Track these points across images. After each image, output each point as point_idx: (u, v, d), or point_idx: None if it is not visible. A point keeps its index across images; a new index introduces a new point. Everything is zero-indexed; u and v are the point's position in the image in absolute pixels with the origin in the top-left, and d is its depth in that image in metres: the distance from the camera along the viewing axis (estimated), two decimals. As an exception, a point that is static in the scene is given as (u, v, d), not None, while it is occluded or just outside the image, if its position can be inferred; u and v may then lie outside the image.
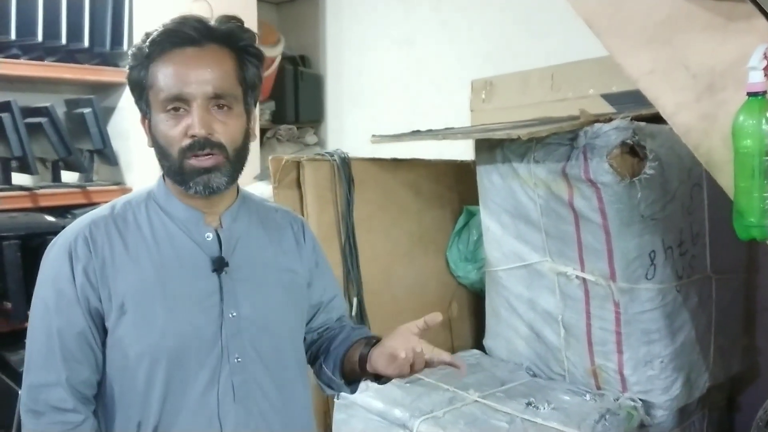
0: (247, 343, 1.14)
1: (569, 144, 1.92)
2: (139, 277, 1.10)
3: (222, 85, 1.08)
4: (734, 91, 1.27)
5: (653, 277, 1.90)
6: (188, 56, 1.07)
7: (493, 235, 2.25)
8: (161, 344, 1.09)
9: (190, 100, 1.06)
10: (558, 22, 2.52)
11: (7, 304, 2.56)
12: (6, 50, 2.63)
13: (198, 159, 1.07)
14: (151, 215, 1.15)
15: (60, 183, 2.86)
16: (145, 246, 1.12)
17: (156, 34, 1.08)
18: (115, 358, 1.11)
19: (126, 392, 1.11)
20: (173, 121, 1.07)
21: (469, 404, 1.92)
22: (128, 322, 1.08)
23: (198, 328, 1.11)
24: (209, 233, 1.15)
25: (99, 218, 1.14)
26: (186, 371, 1.10)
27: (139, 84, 1.10)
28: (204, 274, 1.13)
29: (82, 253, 1.09)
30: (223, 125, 1.08)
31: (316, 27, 3.83)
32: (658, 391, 1.94)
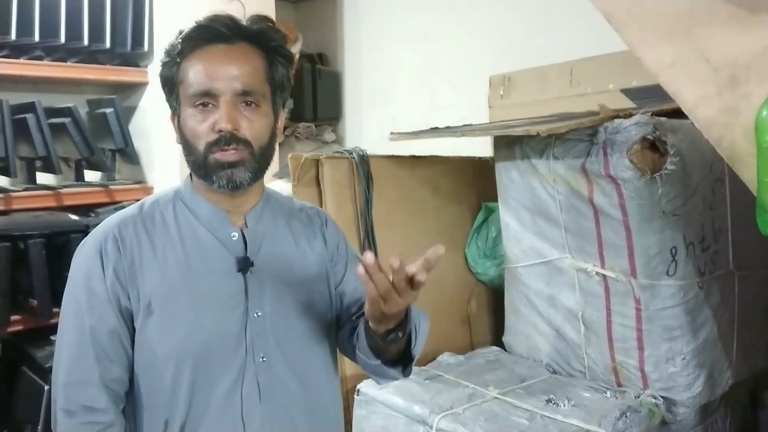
0: (273, 343, 1.14)
1: (589, 140, 1.91)
2: (165, 276, 1.11)
3: (250, 82, 1.09)
4: (757, 84, 1.26)
5: (674, 273, 1.88)
6: (218, 53, 1.08)
7: (513, 231, 2.25)
8: (187, 344, 1.10)
9: (218, 96, 1.07)
10: (576, 16, 2.50)
11: (33, 302, 2.60)
12: (30, 52, 2.67)
13: (223, 153, 1.08)
14: (178, 214, 1.16)
15: (83, 182, 2.91)
16: (172, 246, 1.13)
17: (188, 31, 1.09)
18: (142, 358, 1.12)
19: (153, 391, 1.12)
20: (201, 116, 1.09)
21: (489, 401, 1.92)
22: (155, 322, 1.10)
23: (223, 327, 1.12)
24: (235, 233, 1.15)
25: (128, 218, 1.15)
26: (212, 371, 1.11)
27: (170, 80, 1.12)
28: (229, 274, 1.13)
29: (112, 253, 1.10)
30: (250, 122, 1.09)
31: (333, 25, 3.83)
32: (680, 388, 1.92)
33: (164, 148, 2.97)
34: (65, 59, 2.77)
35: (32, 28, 2.60)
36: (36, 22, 2.60)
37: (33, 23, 2.60)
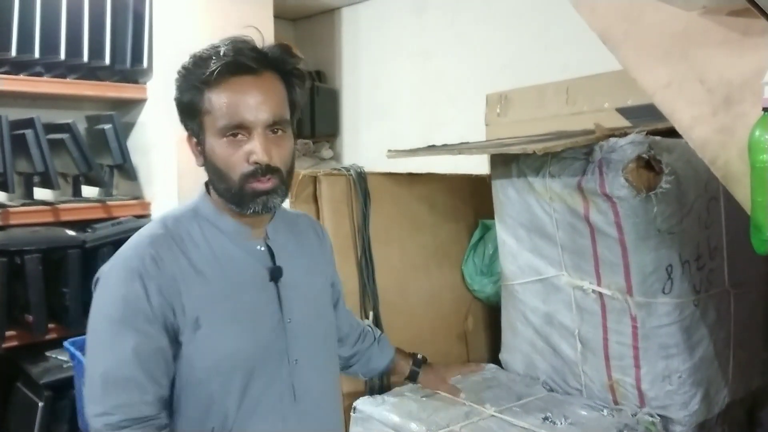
0: (301, 346, 1.23)
1: (585, 158, 1.92)
2: (207, 291, 1.15)
3: (278, 112, 1.15)
4: (752, 105, 1.27)
5: (670, 291, 1.89)
6: (247, 85, 1.12)
7: (509, 248, 2.25)
8: (235, 355, 1.16)
9: (250, 128, 1.12)
10: (573, 35, 2.53)
11: (29, 317, 2.60)
12: (30, 68, 2.69)
13: (259, 183, 1.13)
14: (205, 231, 1.20)
15: (81, 197, 2.92)
16: (207, 261, 1.17)
17: (214, 63, 1.10)
18: (189, 369, 1.15)
19: (199, 401, 1.16)
20: (233, 147, 1.12)
21: (485, 418, 1.91)
22: (203, 336, 1.14)
23: (265, 335, 1.19)
24: (260, 245, 1.22)
25: (158, 236, 1.17)
26: (258, 376, 1.17)
27: (191, 106, 1.15)
28: (262, 285, 1.21)
29: (153, 272, 1.12)
30: (279, 149, 1.15)
31: (332, 42, 3.86)
32: (677, 406, 1.92)
33: (162, 164, 2.98)
34: (65, 75, 2.79)
35: (32, 45, 2.62)
36: (36, 38, 2.62)
37: (33, 40, 2.62)
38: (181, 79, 1.16)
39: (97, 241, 2.73)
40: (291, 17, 4.06)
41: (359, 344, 1.65)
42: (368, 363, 1.66)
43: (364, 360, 1.66)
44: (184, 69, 1.16)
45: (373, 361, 1.67)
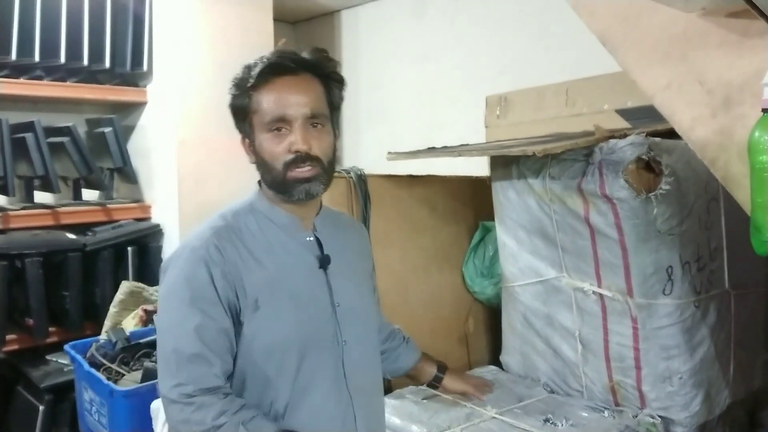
0: (350, 329, 1.34)
1: (585, 160, 1.93)
2: (265, 276, 1.27)
3: (316, 106, 1.27)
4: (751, 106, 1.28)
5: (671, 292, 1.89)
6: (288, 83, 1.25)
7: (509, 250, 2.25)
8: (291, 335, 1.26)
9: (291, 121, 1.24)
10: (572, 37, 2.53)
11: (29, 321, 2.60)
12: (30, 72, 2.69)
13: (300, 170, 1.24)
14: (260, 223, 1.32)
15: (81, 201, 2.92)
16: (263, 250, 1.29)
17: (259, 67, 1.25)
18: (249, 348, 1.26)
19: (258, 376, 1.26)
20: (277, 139, 1.25)
21: (486, 420, 1.91)
22: (262, 317, 1.25)
23: (317, 318, 1.30)
24: (309, 236, 1.34)
25: (219, 228, 1.30)
26: (312, 356, 1.28)
27: (242, 109, 1.28)
28: (313, 272, 1.32)
29: (217, 259, 1.24)
30: (318, 141, 1.26)
31: (332, 45, 3.86)
32: (678, 407, 1.92)
33: (162, 167, 2.98)
34: (65, 79, 2.79)
35: (32, 48, 2.62)
36: (36, 42, 2.63)
37: (33, 43, 2.62)
38: (233, 88, 1.29)
39: (97, 244, 2.73)
40: (291, 20, 4.07)
41: (388, 343, 1.75)
42: (395, 361, 1.75)
43: (392, 358, 1.74)
44: (236, 78, 1.29)
45: (400, 360, 1.77)
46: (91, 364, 2.28)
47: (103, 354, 2.33)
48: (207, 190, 2.96)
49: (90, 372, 2.22)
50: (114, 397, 2.09)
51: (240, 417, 1.19)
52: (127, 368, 2.32)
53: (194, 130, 2.96)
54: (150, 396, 2.06)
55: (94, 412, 2.24)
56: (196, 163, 2.95)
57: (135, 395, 2.08)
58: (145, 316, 2.64)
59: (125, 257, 2.86)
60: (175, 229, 2.95)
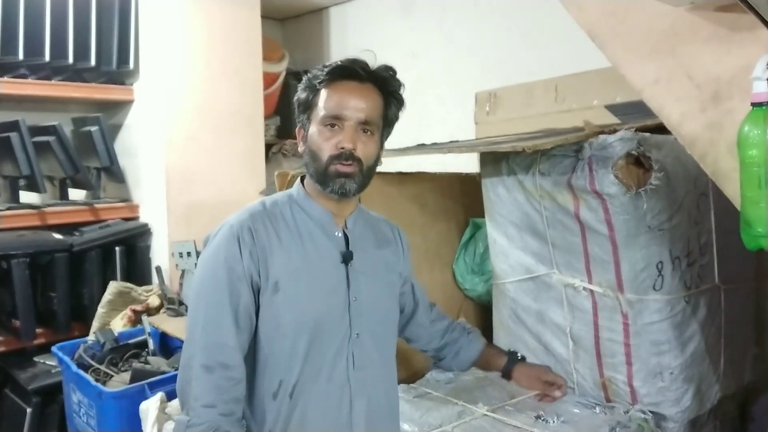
0: (364, 323, 1.42)
1: (574, 156, 1.92)
2: (289, 262, 1.36)
3: (371, 114, 1.38)
4: (740, 101, 1.28)
5: (661, 288, 1.89)
6: (352, 88, 1.37)
7: (500, 247, 2.25)
8: (305, 318, 1.35)
9: (345, 120, 1.35)
10: (561, 33, 2.53)
11: (16, 322, 2.57)
12: (14, 70, 2.67)
13: (342, 165, 1.35)
14: (295, 213, 1.42)
15: (68, 201, 2.89)
16: (293, 238, 1.39)
17: (332, 67, 1.37)
18: (267, 327, 1.36)
19: (273, 355, 1.36)
20: (329, 133, 1.35)
21: (478, 418, 1.91)
22: (281, 299, 1.35)
23: (332, 307, 1.38)
24: (338, 231, 1.43)
25: (256, 213, 1.40)
26: (322, 341, 1.36)
27: (306, 101, 1.40)
28: (335, 265, 1.41)
29: (248, 240, 1.35)
30: (364, 145, 1.37)
31: (320, 42, 3.85)
32: (669, 402, 1.92)
33: (150, 167, 2.96)
34: (50, 77, 2.77)
35: (16, 47, 2.60)
36: (20, 40, 2.60)
37: (17, 41, 2.59)
38: (305, 81, 1.40)
39: (84, 244, 2.71)
40: (279, 17, 4.05)
41: (448, 336, 1.87)
42: (458, 355, 1.90)
43: (454, 352, 1.89)
44: (311, 73, 1.39)
45: (462, 353, 1.90)
46: (79, 365, 2.26)
47: (91, 355, 2.31)
48: (195, 189, 2.94)
49: (78, 373, 2.20)
50: (103, 399, 2.07)
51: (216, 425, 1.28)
52: (115, 369, 2.30)
53: (182, 129, 2.94)
54: (139, 397, 2.04)
55: (83, 414, 2.22)
56: (183, 162, 2.93)
57: (124, 396, 2.06)
58: (133, 316, 2.62)
59: (113, 257, 2.84)
60: (163, 229, 2.93)
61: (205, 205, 2.87)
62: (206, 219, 2.86)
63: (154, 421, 2.01)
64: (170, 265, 2.83)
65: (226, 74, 3.08)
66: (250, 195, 2.77)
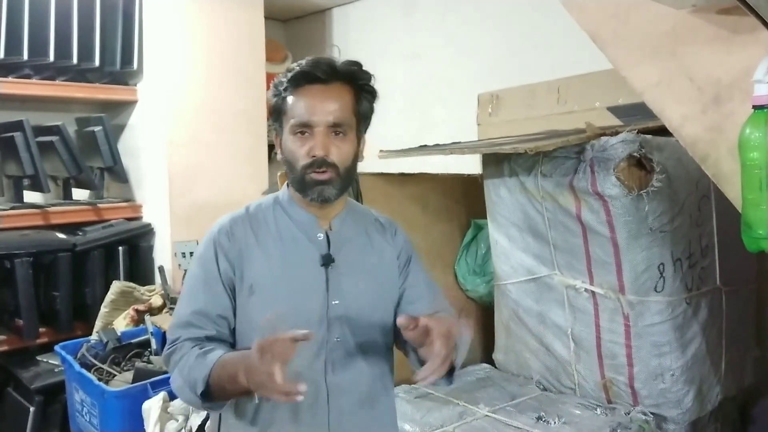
0: (347, 327, 1.38)
1: (576, 157, 1.93)
2: (266, 264, 1.36)
3: (340, 116, 1.34)
4: (741, 103, 1.28)
5: (662, 289, 1.89)
6: (317, 91, 1.34)
7: (502, 248, 2.25)
8: (281, 322, 1.28)
9: (314, 127, 1.32)
10: (564, 35, 2.53)
11: (19, 321, 2.58)
12: (18, 70, 2.67)
13: (316, 174, 1.32)
14: (277, 216, 1.42)
15: (71, 200, 2.90)
16: (272, 240, 1.39)
17: (294, 73, 1.34)
18: (242, 329, 1.36)
19: None
20: (300, 142, 1.33)
21: (479, 419, 1.91)
22: (255, 302, 1.35)
23: (308, 310, 1.35)
24: (321, 234, 1.40)
25: (238, 217, 1.42)
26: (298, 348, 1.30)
27: (276, 109, 1.38)
28: (314, 267, 1.38)
29: (225, 243, 1.38)
30: (338, 148, 1.33)
31: (322, 43, 3.86)
32: (670, 404, 1.92)
33: (153, 167, 2.97)
34: (54, 78, 2.77)
35: (21, 47, 2.60)
36: (25, 40, 2.60)
37: (22, 42, 2.60)
38: (272, 88, 1.37)
39: (87, 244, 2.72)
40: (282, 18, 4.06)
41: None
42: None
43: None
44: (277, 79, 1.37)
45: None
46: (82, 364, 2.26)
47: (94, 354, 2.32)
48: (197, 189, 2.95)
49: (81, 373, 2.20)
50: (105, 398, 2.08)
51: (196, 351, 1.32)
52: (118, 369, 2.30)
53: (185, 129, 2.94)
54: (141, 396, 2.05)
55: (85, 413, 2.22)
56: (186, 162, 2.93)
57: (126, 396, 2.07)
58: (136, 315, 2.63)
59: (116, 257, 2.84)
60: (166, 229, 2.93)
61: (208, 205, 2.88)
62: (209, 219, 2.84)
63: (156, 421, 2.01)
64: (173, 264, 2.84)
65: (229, 75, 3.09)
66: (252, 195, 2.77)
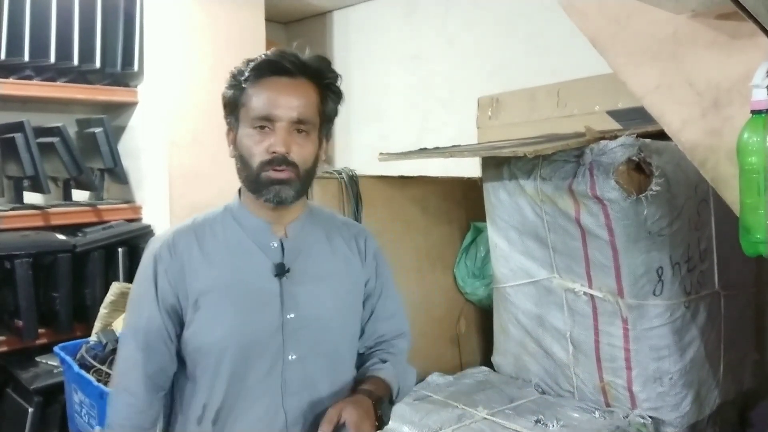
0: (305, 343, 1.26)
1: (575, 161, 1.93)
2: (212, 278, 1.25)
3: (305, 112, 1.23)
4: (740, 107, 1.28)
5: (661, 293, 1.89)
6: (281, 84, 1.23)
7: (501, 251, 2.26)
8: (228, 337, 1.23)
9: (275, 121, 1.22)
10: (564, 39, 2.54)
11: (19, 322, 2.57)
12: (19, 71, 2.67)
13: (275, 172, 1.22)
14: (226, 225, 1.31)
15: (71, 201, 2.90)
16: (219, 251, 1.28)
17: (258, 62, 1.24)
18: (190, 348, 1.26)
19: (196, 378, 1.26)
20: (259, 137, 1.23)
21: (478, 421, 1.91)
22: (201, 318, 1.24)
23: (259, 325, 1.25)
24: (274, 242, 1.29)
25: (182, 228, 1.31)
26: (248, 363, 1.24)
27: (232, 101, 1.27)
28: (267, 278, 1.26)
29: (165, 257, 1.26)
30: (299, 147, 1.23)
31: (323, 45, 3.86)
32: (668, 407, 1.92)
33: (153, 168, 2.97)
34: (55, 79, 2.77)
35: (22, 48, 2.60)
36: (26, 41, 2.61)
37: (23, 43, 2.60)
38: (230, 78, 1.27)
39: (87, 245, 2.72)
40: (283, 20, 4.06)
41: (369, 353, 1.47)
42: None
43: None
44: (235, 69, 1.27)
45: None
46: (81, 365, 2.26)
47: (93, 356, 2.32)
48: (198, 190, 2.95)
49: (80, 374, 2.20)
50: (104, 399, 2.08)
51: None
52: (117, 370, 2.30)
53: (185, 131, 2.95)
54: (140, 398, 2.05)
55: (84, 414, 2.22)
56: (186, 164, 2.94)
57: (125, 397, 2.07)
58: (135, 317, 2.63)
59: (116, 258, 2.84)
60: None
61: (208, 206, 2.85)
62: (209, 221, 2.86)
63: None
64: (172, 266, 2.85)
65: (230, 77, 3.10)
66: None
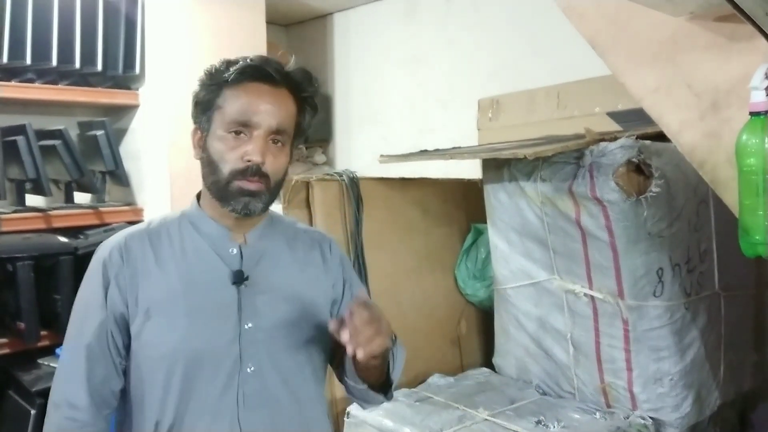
0: (264, 354, 1.20)
1: (575, 162, 1.94)
2: (165, 286, 1.18)
3: (283, 123, 1.19)
4: (738, 109, 1.29)
5: (661, 294, 1.90)
6: (263, 91, 1.18)
7: (501, 253, 2.26)
8: (180, 349, 1.16)
9: (253, 128, 1.16)
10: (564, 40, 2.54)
11: (21, 325, 2.58)
12: (21, 74, 2.68)
13: (247, 182, 1.16)
14: (183, 231, 1.24)
15: (73, 204, 2.90)
16: (174, 258, 1.21)
17: (240, 65, 1.19)
18: (138, 361, 1.18)
19: (146, 393, 1.18)
20: (233, 142, 1.17)
21: (478, 423, 1.92)
22: (152, 327, 1.17)
23: (215, 335, 1.18)
24: (233, 248, 1.23)
25: (136, 231, 1.24)
26: (201, 376, 1.17)
27: (206, 101, 1.21)
28: (224, 286, 1.20)
29: (116, 262, 1.19)
30: (274, 158, 1.18)
31: (324, 47, 3.87)
32: (669, 408, 1.93)
33: (154, 170, 2.98)
34: (57, 82, 2.78)
35: (24, 51, 2.61)
36: (28, 44, 2.61)
37: (25, 46, 2.61)
38: (205, 77, 1.22)
39: (89, 247, 2.72)
40: (283, 23, 4.07)
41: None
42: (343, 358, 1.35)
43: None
44: (212, 67, 1.22)
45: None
46: (83, 367, 2.27)
47: (94, 357, 2.32)
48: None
49: (81, 376, 2.21)
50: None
51: None
52: (118, 372, 2.31)
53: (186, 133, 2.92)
54: (142, 399, 2.05)
55: (86, 416, 2.23)
56: (187, 166, 2.92)
57: (127, 399, 2.07)
58: (137, 319, 2.63)
59: (117, 260, 2.85)
60: (167, 232, 2.94)
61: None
62: (210, 223, 2.86)
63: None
64: (174, 268, 2.86)
65: (231, 79, 3.11)
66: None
